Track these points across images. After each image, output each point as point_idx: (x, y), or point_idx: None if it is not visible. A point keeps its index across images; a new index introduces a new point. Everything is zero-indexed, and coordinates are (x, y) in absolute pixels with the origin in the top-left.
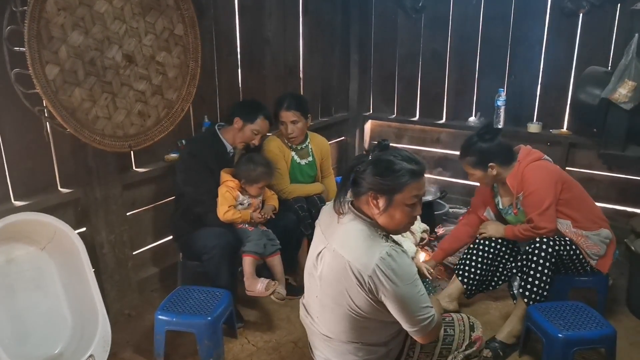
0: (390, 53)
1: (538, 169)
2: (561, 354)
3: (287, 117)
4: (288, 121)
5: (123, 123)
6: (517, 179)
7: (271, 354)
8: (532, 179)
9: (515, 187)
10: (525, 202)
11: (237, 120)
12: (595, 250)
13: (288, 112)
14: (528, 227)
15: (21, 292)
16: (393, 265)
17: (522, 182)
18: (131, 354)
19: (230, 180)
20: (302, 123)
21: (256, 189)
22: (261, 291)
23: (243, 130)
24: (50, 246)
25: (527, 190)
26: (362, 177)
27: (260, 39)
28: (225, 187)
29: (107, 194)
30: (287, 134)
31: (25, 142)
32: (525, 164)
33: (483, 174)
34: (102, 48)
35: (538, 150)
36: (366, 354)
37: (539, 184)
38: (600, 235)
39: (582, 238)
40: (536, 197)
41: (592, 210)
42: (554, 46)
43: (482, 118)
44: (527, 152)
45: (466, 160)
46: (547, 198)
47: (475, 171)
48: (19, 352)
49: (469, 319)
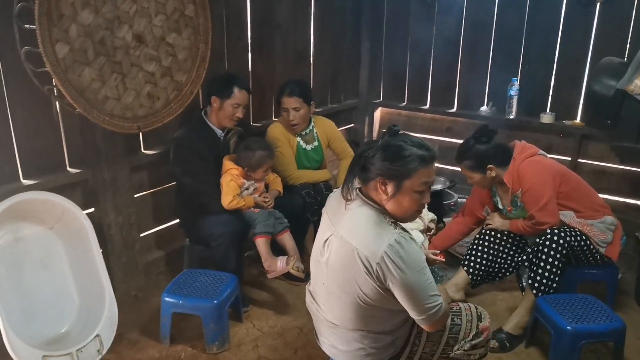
0: (402, 40)
1: (534, 165)
2: (569, 346)
3: (289, 104)
4: (290, 107)
5: (132, 104)
6: (513, 176)
7: (276, 339)
8: (528, 175)
9: (512, 185)
10: (525, 199)
11: (214, 99)
12: (602, 238)
13: (290, 99)
14: (530, 223)
15: (29, 271)
16: (401, 253)
17: (518, 179)
18: (137, 335)
19: (234, 168)
20: (305, 110)
21: (260, 173)
22: (283, 267)
23: (223, 108)
24: (58, 226)
25: (524, 186)
26: (371, 163)
27: (271, 23)
28: (229, 176)
29: (115, 175)
30: (288, 120)
31: (34, 121)
32: (520, 160)
33: (482, 176)
34: (112, 27)
35: (533, 146)
36: (372, 341)
37: (536, 180)
38: (605, 222)
39: (587, 227)
40: (534, 193)
41: (592, 199)
42: (570, 36)
43: (494, 108)
44: (521, 148)
45: (464, 165)
46: (545, 193)
47: (474, 174)
48: (26, 330)
49: (476, 308)
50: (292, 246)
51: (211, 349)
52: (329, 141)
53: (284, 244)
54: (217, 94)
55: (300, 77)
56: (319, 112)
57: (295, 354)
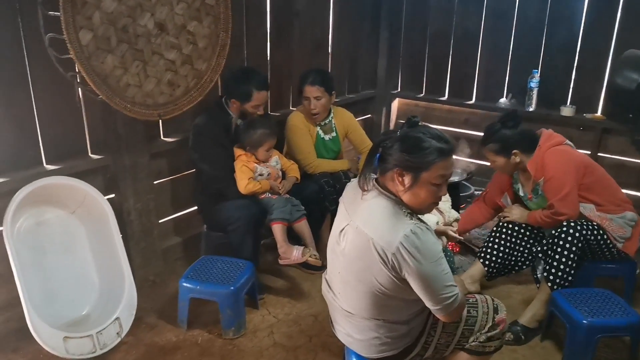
0: (421, 30)
1: (558, 154)
2: (585, 340)
3: (311, 93)
4: (312, 97)
5: (153, 92)
6: (537, 164)
7: (291, 326)
8: (552, 163)
9: (535, 172)
10: (546, 188)
11: (233, 101)
12: (621, 233)
13: (312, 87)
14: (548, 213)
15: (51, 254)
16: (417, 243)
17: (542, 167)
18: (155, 319)
19: (243, 155)
20: (326, 99)
21: (262, 152)
22: (297, 257)
23: (243, 109)
24: (80, 210)
25: (547, 175)
26: (389, 153)
27: (289, 12)
28: (240, 162)
29: (136, 161)
30: (309, 109)
31: (57, 107)
32: (545, 148)
33: (506, 161)
34: (134, 15)
35: (560, 135)
36: (387, 331)
37: (559, 169)
38: (625, 218)
39: (606, 221)
40: (556, 183)
41: (615, 193)
42: (593, 27)
43: (514, 100)
44: (548, 136)
45: (489, 147)
46: (567, 183)
47: (498, 158)
48: (48, 312)
49: (493, 300)
50: (309, 234)
51: (227, 334)
52: (347, 132)
53: (301, 231)
54: (236, 97)
55: (318, 67)
56: (337, 102)
57: (310, 341)
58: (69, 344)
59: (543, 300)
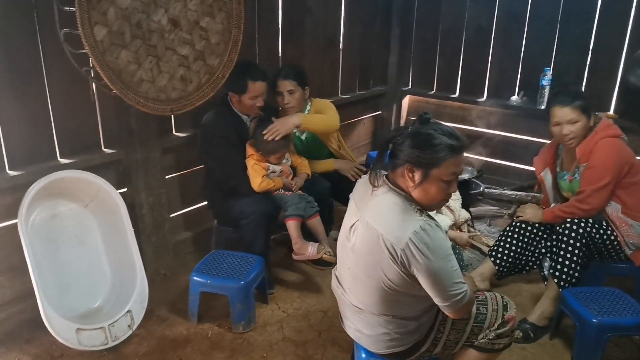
0: (433, 27)
1: (610, 145)
2: (594, 339)
3: (284, 86)
4: (285, 90)
5: (166, 87)
6: (587, 148)
7: (300, 321)
8: (600, 153)
9: (582, 155)
10: (585, 174)
11: (231, 95)
12: (635, 241)
13: (285, 81)
14: (573, 201)
15: (64, 246)
16: (426, 239)
17: (590, 152)
18: (166, 312)
19: (255, 154)
20: (299, 93)
21: (274, 159)
22: (312, 254)
23: (242, 101)
24: (93, 204)
25: (592, 162)
26: (400, 149)
27: (301, 8)
28: (252, 160)
29: (148, 156)
30: (283, 104)
31: (71, 101)
32: (600, 136)
33: (585, 123)
34: (148, 11)
35: (618, 128)
36: (396, 327)
37: (605, 160)
38: None
39: (626, 225)
40: (597, 172)
41: None
42: (606, 25)
43: (525, 97)
44: (607, 125)
45: (576, 105)
46: (606, 176)
47: (582, 118)
48: (61, 303)
49: (502, 298)
50: (322, 231)
51: (237, 328)
52: None
53: (314, 227)
54: (233, 89)
55: (330, 63)
56: (347, 98)
57: (320, 336)
58: (81, 336)
59: (551, 298)
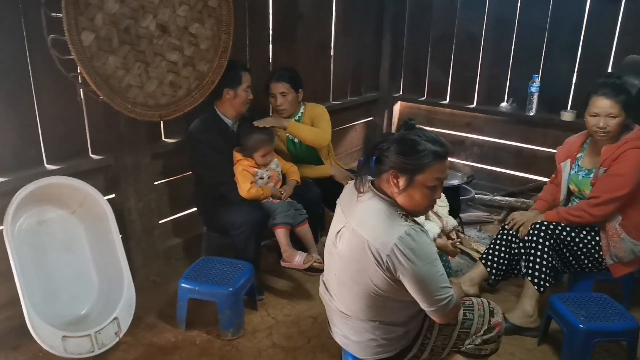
0: (424, 34)
1: (638, 157)
2: (582, 344)
3: (277, 89)
4: (277, 92)
5: (155, 93)
6: (614, 153)
7: (290, 328)
8: (627, 162)
9: (605, 158)
10: (605, 180)
11: (226, 91)
12: (620, 254)
13: (278, 84)
14: (584, 205)
15: (51, 253)
16: (412, 245)
17: (615, 158)
18: (154, 319)
19: (243, 159)
20: (292, 96)
21: (258, 157)
22: (299, 264)
23: (238, 95)
24: (80, 210)
25: (616, 169)
26: (385, 155)
27: (293, 14)
28: (240, 166)
29: (137, 162)
30: (276, 106)
31: (59, 107)
32: (630, 145)
33: (622, 118)
34: (136, 17)
35: None
36: (384, 333)
37: (631, 172)
38: (638, 247)
39: (617, 237)
40: (619, 181)
41: None
42: (594, 32)
43: (515, 104)
44: (639, 134)
45: (619, 99)
46: (626, 187)
47: (622, 114)
48: (47, 311)
49: (489, 304)
50: (311, 238)
51: (226, 335)
52: (312, 124)
53: (303, 235)
54: (228, 85)
55: (322, 69)
56: (339, 104)
57: (309, 342)
58: (67, 343)
59: (528, 296)
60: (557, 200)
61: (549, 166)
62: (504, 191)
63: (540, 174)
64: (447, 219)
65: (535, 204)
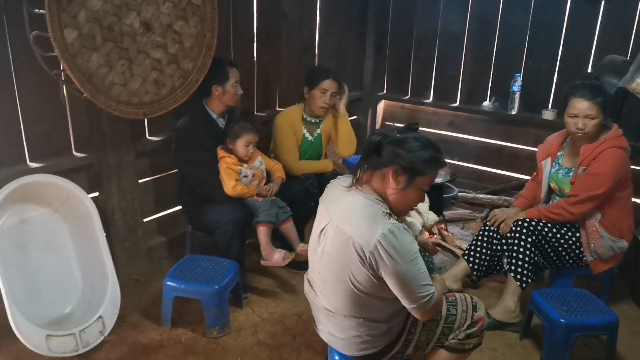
0: (407, 33)
1: (617, 157)
2: (562, 339)
3: (332, 87)
4: (332, 90)
5: (138, 90)
6: (592, 152)
7: (275, 325)
8: (606, 161)
9: (583, 157)
10: (583, 179)
11: (215, 87)
12: (600, 251)
13: (334, 83)
14: (563, 203)
15: (34, 252)
16: (394, 242)
17: (594, 157)
18: (139, 317)
19: (227, 156)
20: (336, 99)
21: (241, 146)
22: (278, 261)
23: (226, 91)
24: (63, 209)
25: (594, 169)
26: (389, 151)
27: (277, 13)
28: (224, 164)
29: (121, 160)
30: (323, 101)
31: (41, 104)
32: (608, 145)
33: (600, 121)
34: (120, 14)
35: (625, 140)
36: (367, 329)
37: (609, 171)
38: (616, 244)
39: (597, 235)
40: (596, 180)
41: (625, 218)
42: (574, 33)
43: (497, 103)
44: (616, 134)
45: (597, 101)
46: (604, 186)
47: (600, 115)
48: (30, 310)
49: (472, 299)
50: (295, 236)
51: (211, 333)
52: (330, 134)
53: (287, 233)
54: (217, 81)
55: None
56: None
57: (294, 340)
58: (51, 342)
59: (509, 292)
60: (538, 197)
61: (530, 164)
62: (487, 189)
63: (521, 172)
64: (428, 215)
65: (516, 202)
